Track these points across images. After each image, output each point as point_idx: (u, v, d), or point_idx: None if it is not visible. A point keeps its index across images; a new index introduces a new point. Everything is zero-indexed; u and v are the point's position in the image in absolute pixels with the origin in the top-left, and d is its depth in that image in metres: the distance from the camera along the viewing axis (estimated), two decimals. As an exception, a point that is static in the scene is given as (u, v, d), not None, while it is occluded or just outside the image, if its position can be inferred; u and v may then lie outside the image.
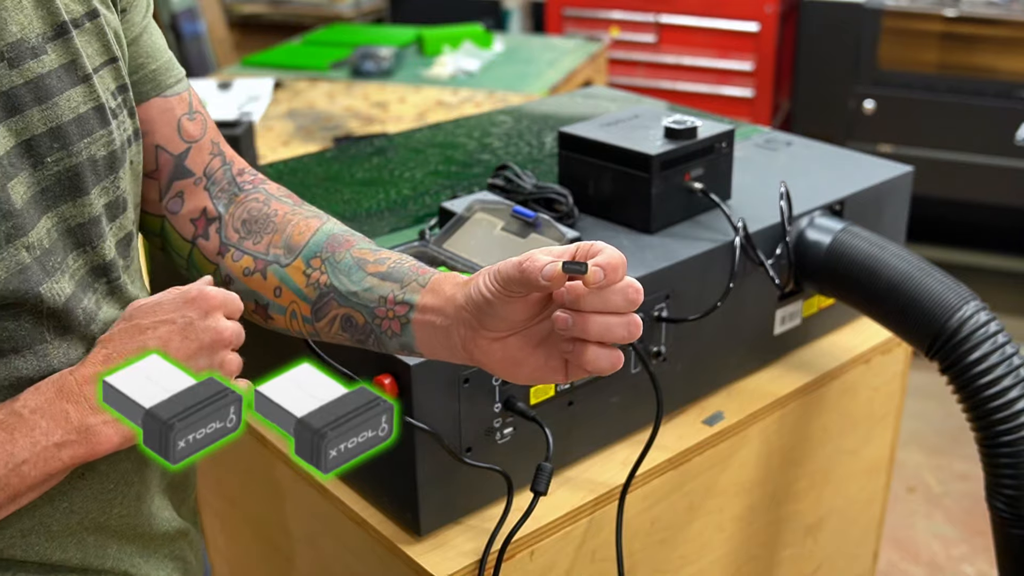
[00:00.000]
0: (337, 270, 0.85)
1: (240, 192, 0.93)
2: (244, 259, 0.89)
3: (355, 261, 0.84)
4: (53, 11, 0.74)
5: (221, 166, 0.92)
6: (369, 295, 0.82)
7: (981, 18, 3.20)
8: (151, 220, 0.91)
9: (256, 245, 0.89)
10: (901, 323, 1.11)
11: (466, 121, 1.58)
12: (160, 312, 0.73)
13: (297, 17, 4.10)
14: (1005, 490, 1.07)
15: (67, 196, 0.76)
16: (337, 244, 0.86)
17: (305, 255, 0.87)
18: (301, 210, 0.91)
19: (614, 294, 0.70)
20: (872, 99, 3.35)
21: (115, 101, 0.80)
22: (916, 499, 2.60)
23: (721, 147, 1.16)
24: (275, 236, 0.89)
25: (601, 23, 3.69)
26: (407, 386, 0.92)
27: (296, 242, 0.88)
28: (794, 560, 1.35)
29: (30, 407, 0.69)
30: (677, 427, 1.14)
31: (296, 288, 0.87)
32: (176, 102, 0.89)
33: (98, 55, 0.79)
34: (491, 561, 0.96)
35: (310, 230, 0.88)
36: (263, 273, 0.88)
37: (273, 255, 0.88)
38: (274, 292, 0.88)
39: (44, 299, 0.73)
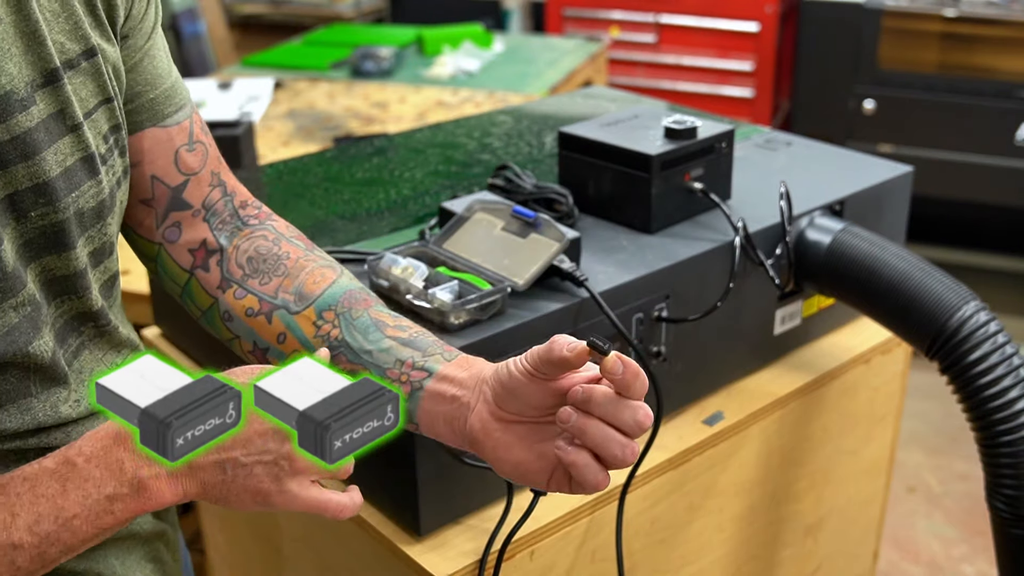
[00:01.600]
0: (352, 327, 0.83)
1: (245, 226, 0.90)
2: (248, 298, 0.87)
3: (373, 322, 0.83)
4: (44, 56, 0.71)
5: (222, 197, 0.89)
6: (385, 356, 0.81)
7: (981, 18, 3.20)
8: (147, 245, 0.89)
9: (263, 286, 0.86)
10: (901, 323, 1.11)
11: (466, 121, 1.58)
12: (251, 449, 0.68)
13: (297, 17, 4.10)
14: (1005, 490, 1.07)
15: (51, 249, 0.74)
16: (355, 301, 0.84)
17: (319, 306, 0.85)
18: (315, 256, 0.89)
19: (625, 408, 0.69)
20: (872, 99, 3.35)
21: (106, 145, 0.77)
22: (916, 499, 2.60)
23: (721, 147, 1.16)
24: (286, 280, 0.86)
25: (601, 23, 3.69)
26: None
27: (309, 291, 0.85)
28: (794, 560, 1.35)
29: (85, 454, 0.66)
30: (677, 427, 1.14)
31: (303, 338, 0.85)
32: (175, 132, 0.85)
33: (92, 97, 0.75)
34: (491, 561, 0.96)
35: (326, 281, 0.86)
36: (268, 316, 0.86)
37: (282, 299, 0.86)
38: (278, 338, 0.86)
39: (32, 356, 0.72)
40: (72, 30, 0.73)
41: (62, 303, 0.77)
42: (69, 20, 0.73)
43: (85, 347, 0.80)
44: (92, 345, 0.81)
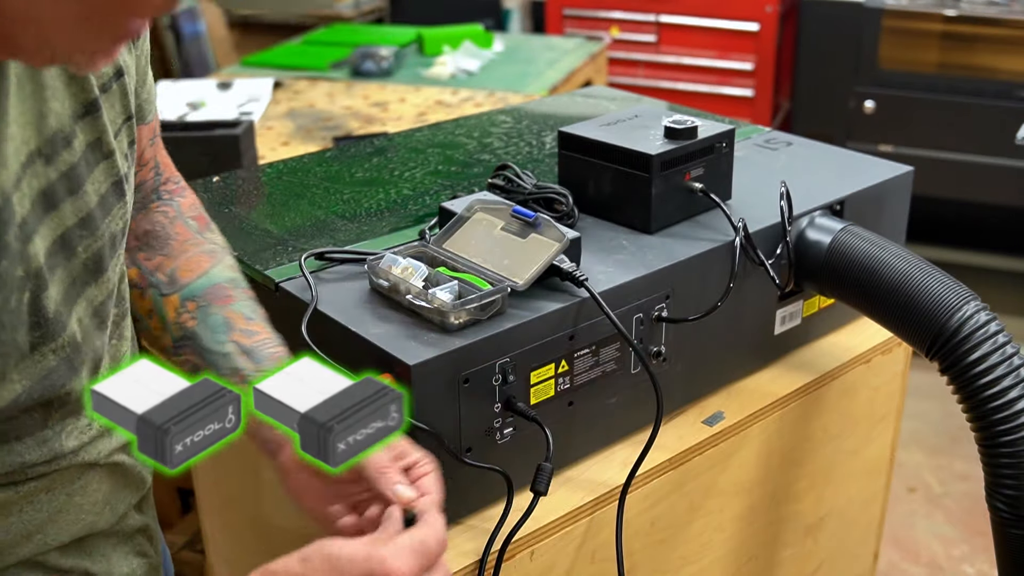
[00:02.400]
0: (205, 323, 0.86)
1: (157, 200, 0.93)
2: (132, 270, 0.90)
3: (223, 321, 0.86)
4: (86, 87, 0.71)
5: (152, 178, 0.92)
6: (224, 361, 0.84)
7: (981, 18, 3.20)
8: None
9: (147, 261, 0.90)
10: (901, 323, 1.11)
11: (466, 121, 1.58)
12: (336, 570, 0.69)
13: (297, 17, 4.10)
14: (1005, 490, 1.07)
15: (91, 280, 0.75)
16: (216, 296, 0.88)
17: (184, 294, 0.88)
18: (200, 240, 0.92)
19: None
20: (872, 99, 3.35)
21: (127, 164, 0.78)
22: (916, 499, 2.60)
23: (721, 147, 1.16)
24: (166, 260, 0.90)
25: (601, 23, 3.69)
26: (407, 386, 0.91)
27: (180, 277, 0.89)
28: (794, 560, 1.35)
29: None
30: (677, 427, 1.14)
31: (165, 320, 0.88)
32: (147, 131, 0.88)
33: (118, 117, 0.76)
34: (491, 561, 0.96)
35: (199, 269, 0.89)
36: (143, 292, 0.90)
37: (157, 279, 0.89)
38: (147, 313, 0.90)
39: (65, 396, 0.73)
40: None
41: (103, 332, 0.77)
42: None
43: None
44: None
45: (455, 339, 0.92)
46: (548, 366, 0.98)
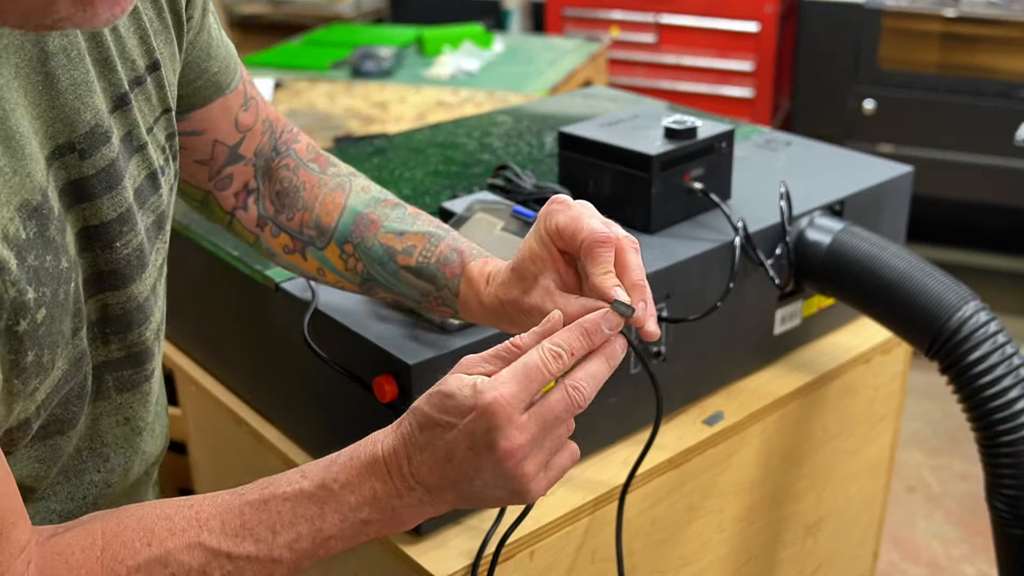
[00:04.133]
0: (371, 259, 0.87)
1: (276, 156, 0.93)
2: (282, 236, 0.92)
3: (384, 251, 0.87)
4: (115, 82, 0.70)
5: (269, 140, 0.93)
6: (410, 290, 0.86)
7: (981, 18, 3.20)
8: (193, 191, 0.92)
9: (290, 221, 0.91)
10: (901, 323, 1.11)
11: (466, 121, 1.58)
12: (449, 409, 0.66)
13: (297, 17, 4.10)
14: (1005, 490, 1.07)
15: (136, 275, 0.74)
16: (364, 227, 0.88)
17: (337, 239, 0.89)
18: (327, 179, 0.92)
19: None
20: (872, 99, 3.35)
21: (163, 156, 0.77)
22: (916, 499, 2.60)
23: (721, 147, 1.16)
24: (306, 214, 0.90)
25: (601, 23, 3.69)
26: (407, 386, 0.92)
27: (326, 223, 0.89)
28: (794, 560, 1.35)
29: (340, 482, 0.68)
30: (677, 427, 1.14)
31: (337, 271, 0.90)
32: (233, 98, 0.88)
33: (153, 111, 0.75)
34: (488, 561, 0.96)
35: (337, 209, 0.89)
36: (302, 254, 0.91)
37: (307, 236, 0.90)
38: (318, 271, 0.92)
39: (89, 381, 0.73)
40: (140, 44, 0.73)
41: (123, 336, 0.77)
42: (137, 33, 0.72)
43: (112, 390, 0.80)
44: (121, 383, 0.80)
45: (455, 339, 0.92)
46: (548, 366, 0.98)
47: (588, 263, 0.71)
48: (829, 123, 3.48)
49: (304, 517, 0.68)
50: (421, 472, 0.67)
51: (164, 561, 0.66)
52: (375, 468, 0.68)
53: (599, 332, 0.68)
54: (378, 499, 0.68)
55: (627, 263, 0.71)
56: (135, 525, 0.67)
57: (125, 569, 0.65)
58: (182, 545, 0.66)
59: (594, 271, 0.70)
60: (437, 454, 0.67)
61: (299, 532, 0.68)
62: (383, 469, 0.68)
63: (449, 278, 0.83)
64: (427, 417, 0.67)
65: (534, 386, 0.65)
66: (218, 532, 0.67)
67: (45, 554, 0.65)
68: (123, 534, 0.66)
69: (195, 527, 0.67)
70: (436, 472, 0.67)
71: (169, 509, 0.68)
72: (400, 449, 0.68)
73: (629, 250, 0.71)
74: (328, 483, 0.68)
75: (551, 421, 0.66)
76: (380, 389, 0.92)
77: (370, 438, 0.70)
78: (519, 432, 0.65)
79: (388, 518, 0.69)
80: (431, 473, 0.67)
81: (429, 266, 0.84)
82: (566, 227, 0.72)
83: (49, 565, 0.65)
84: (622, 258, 0.71)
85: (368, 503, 0.68)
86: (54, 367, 0.67)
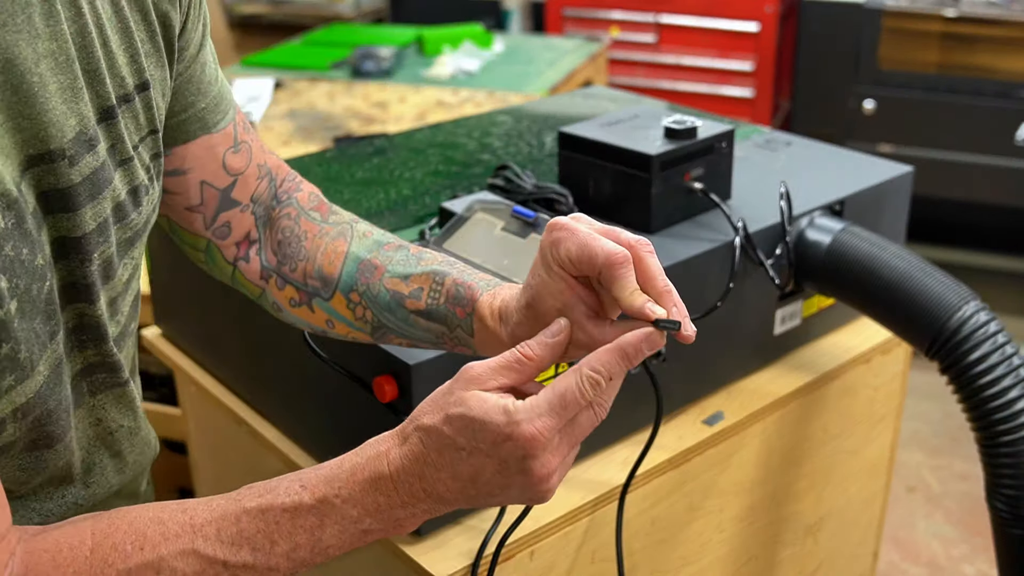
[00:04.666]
0: (379, 306, 0.84)
1: (277, 205, 0.90)
2: (287, 288, 0.89)
3: (392, 296, 0.83)
4: (103, 94, 0.70)
5: (268, 187, 0.90)
6: (424, 334, 0.83)
7: (981, 18, 3.20)
8: (195, 240, 0.89)
9: (293, 272, 0.88)
10: (901, 323, 1.11)
11: (466, 121, 1.58)
12: (480, 438, 0.65)
13: (297, 17, 4.10)
14: (1005, 490, 1.07)
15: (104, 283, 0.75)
16: (368, 273, 0.85)
17: (342, 288, 0.86)
18: (328, 227, 0.89)
19: None
20: (872, 99, 3.35)
21: (147, 175, 0.76)
22: (916, 499, 2.60)
23: (721, 147, 1.16)
24: (308, 265, 0.87)
25: (601, 23, 3.69)
26: (407, 386, 0.92)
27: (329, 272, 0.86)
28: (794, 560, 1.35)
29: (342, 496, 0.67)
30: (677, 427, 1.14)
31: (347, 321, 0.87)
32: (220, 139, 0.85)
33: (139, 131, 0.75)
34: (488, 561, 0.96)
35: (339, 257, 0.86)
36: (309, 306, 0.88)
37: (312, 287, 0.87)
38: (326, 324, 0.88)
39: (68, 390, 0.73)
40: (130, 63, 0.72)
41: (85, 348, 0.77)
42: (128, 52, 0.72)
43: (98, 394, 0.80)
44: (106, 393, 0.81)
45: (455, 339, 0.92)
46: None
47: (612, 287, 0.68)
48: (829, 123, 3.48)
49: (303, 528, 0.67)
50: (436, 488, 0.66)
51: (156, 567, 0.65)
52: (380, 483, 0.67)
53: (640, 354, 0.66)
54: (381, 511, 0.67)
55: (648, 271, 0.69)
56: (126, 528, 0.66)
57: (115, 572, 0.64)
58: (175, 551, 0.65)
59: (622, 294, 0.67)
60: (460, 475, 0.66)
61: (297, 542, 0.67)
62: (389, 485, 0.67)
63: (461, 318, 0.80)
64: (449, 441, 0.65)
65: (570, 414, 0.65)
66: (213, 539, 0.66)
67: (31, 549, 0.65)
68: (114, 536, 0.66)
69: (189, 533, 0.66)
70: (455, 488, 0.66)
71: (162, 513, 0.67)
72: (411, 467, 0.66)
73: (646, 256, 0.69)
74: (329, 497, 0.67)
75: (578, 439, 0.67)
76: (380, 389, 0.92)
77: (373, 450, 0.68)
78: (554, 456, 0.65)
79: (389, 526, 0.68)
80: (447, 489, 0.66)
81: (439, 308, 0.81)
82: (579, 256, 0.69)
83: (35, 560, 0.64)
84: (641, 267, 0.69)
85: (370, 515, 0.67)
86: (34, 370, 0.66)
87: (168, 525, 0.66)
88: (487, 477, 0.65)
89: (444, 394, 0.67)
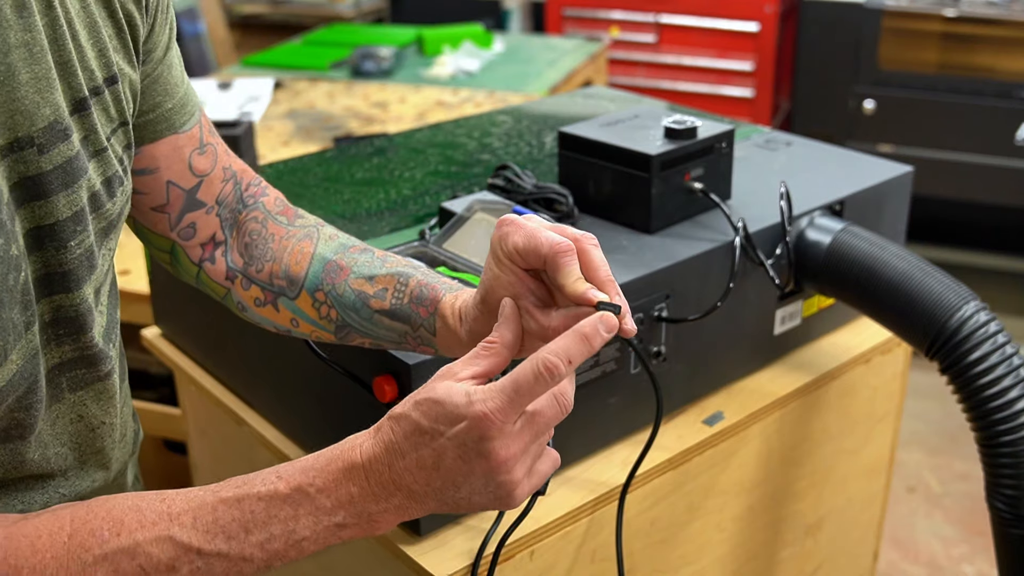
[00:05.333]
0: (343, 305, 0.86)
1: (243, 208, 0.93)
2: (253, 288, 0.91)
3: (357, 296, 0.86)
4: (75, 86, 0.71)
5: (232, 189, 0.92)
6: (387, 333, 0.85)
7: (981, 18, 3.20)
8: (161, 240, 0.91)
9: (259, 273, 0.90)
10: (901, 323, 1.11)
11: (466, 121, 1.58)
12: (439, 416, 0.66)
13: (297, 17, 4.10)
14: (1005, 490, 1.07)
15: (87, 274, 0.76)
16: (334, 274, 0.88)
17: (308, 287, 0.88)
18: (294, 230, 0.92)
19: None
20: (872, 99, 3.35)
21: (121, 167, 0.78)
22: (916, 499, 2.60)
23: (721, 147, 1.16)
24: (275, 266, 0.90)
25: (601, 23, 3.69)
26: (407, 386, 0.92)
27: (296, 273, 0.89)
28: (794, 560, 1.35)
29: (316, 485, 0.68)
30: (677, 427, 1.14)
31: (311, 320, 0.89)
32: (186, 139, 0.87)
33: (111, 121, 0.76)
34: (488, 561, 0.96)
35: (306, 258, 0.89)
36: (274, 305, 0.90)
37: (278, 286, 0.90)
38: (291, 323, 0.91)
39: (43, 383, 0.73)
40: (98, 56, 0.74)
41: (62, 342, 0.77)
42: (96, 47, 0.73)
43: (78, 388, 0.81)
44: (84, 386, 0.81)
45: (455, 339, 0.92)
46: (548, 366, 0.98)
47: (556, 275, 0.71)
48: (829, 123, 3.48)
49: (277, 518, 0.68)
50: (404, 479, 0.67)
51: (132, 552, 0.66)
52: (352, 473, 0.68)
53: (598, 336, 0.67)
54: (354, 503, 0.68)
55: (592, 262, 0.72)
56: (104, 514, 0.67)
57: (92, 557, 0.66)
58: (151, 538, 0.67)
59: (566, 281, 0.70)
60: (424, 461, 0.67)
61: (272, 532, 0.68)
62: (361, 474, 0.68)
63: (424, 317, 0.83)
64: (414, 424, 0.67)
65: (526, 400, 0.65)
66: (189, 527, 0.67)
67: (11, 535, 0.66)
68: (92, 522, 0.67)
69: (166, 520, 0.67)
70: (421, 479, 0.67)
71: (141, 501, 0.68)
72: (381, 455, 0.68)
73: (590, 248, 0.72)
74: (304, 486, 0.68)
75: (542, 429, 0.67)
76: (380, 389, 0.92)
77: (348, 442, 0.70)
78: (513, 442, 0.66)
79: (363, 522, 0.69)
80: (415, 480, 0.67)
81: (403, 307, 0.84)
82: (525, 247, 0.71)
83: (14, 546, 0.65)
84: (586, 258, 0.72)
85: (343, 507, 0.68)
86: (6, 359, 0.67)
87: (145, 513, 0.67)
88: (448, 463, 0.66)
89: (419, 389, 0.68)
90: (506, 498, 0.68)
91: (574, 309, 0.71)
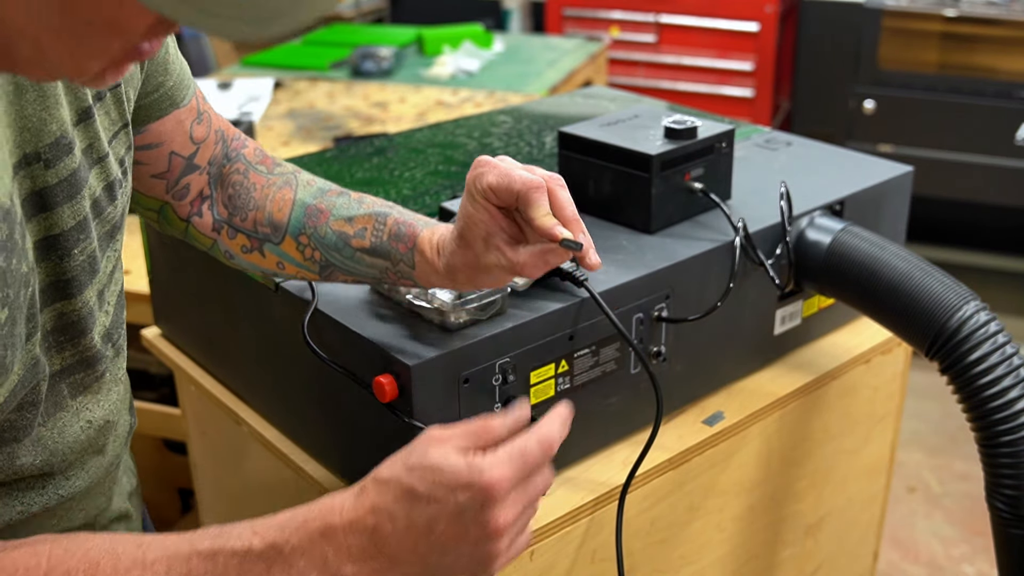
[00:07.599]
0: (326, 246, 0.91)
1: (227, 163, 0.96)
2: (239, 237, 0.95)
3: (338, 237, 0.90)
4: (80, 96, 0.73)
5: (221, 149, 0.96)
6: (369, 270, 0.90)
7: (981, 18, 3.20)
8: (151, 202, 0.94)
9: (244, 222, 0.94)
10: (901, 323, 1.11)
11: (466, 121, 1.58)
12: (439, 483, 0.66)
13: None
14: (1005, 490, 1.07)
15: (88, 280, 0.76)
16: (315, 217, 0.92)
17: (291, 232, 0.92)
18: (274, 178, 0.95)
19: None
20: (872, 99, 3.35)
21: (121, 169, 0.79)
22: (916, 499, 2.60)
23: (721, 147, 1.16)
24: (259, 214, 0.94)
25: (601, 23, 3.69)
26: (407, 386, 0.91)
27: (278, 219, 0.93)
28: (794, 560, 1.35)
29: (291, 544, 0.67)
30: (677, 427, 1.14)
31: (296, 262, 0.93)
32: (187, 112, 0.91)
33: (113, 124, 0.78)
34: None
35: (287, 204, 0.93)
36: (260, 251, 0.94)
37: (263, 233, 0.94)
38: (277, 266, 0.95)
39: (43, 389, 0.74)
40: None
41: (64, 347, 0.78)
42: None
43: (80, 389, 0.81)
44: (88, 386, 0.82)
45: (455, 339, 0.92)
46: (548, 366, 0.98)
47: (527, 209, 0.77)
48: (829, 123, 3.48)
49: (251, 573, 0.67)
50: (388, 543, 0.66)
51: None
52: (329, 535, 0.67)
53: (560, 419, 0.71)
54: (328, 565, 0.67)
55: (560, 201, 0.78)
56: (81, 556, 0.67)
57: None
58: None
59: (535, 215, 0.77)
60: (416, 526, 0.66)
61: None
62: (339, 537, 0.67)
63: (403, 252, 0.87)
64: (407, 489, 0.66)
65: (528, 471, 0.67)
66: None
67: None
68: (68, 562, 0.66)
69: (140, 567, 0.66)
70: (408, 543, 0.66)
71: (118, 546, 0.68)
72: (363, 519, 0.67)
73: (558, 189, 0.78)
74: (279, 544, 0.67)
75: (532, 499, 0.69)
76: (380, 389, 0.92)
77: (328, 502, 0.69)
78: (510, 510, 0.66)
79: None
80: (401, 545, 0.66)
81: (382, 244, 0.88)
82: (498, 184, 0.78)
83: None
84: (554, 198, 0.78)
85: (316, 569, 0.67)
86: (12, 370, 0.68)
87: (121, 558, 0.67)
88: (442, 527, 0.66)
89: (405, 452, 0.68)
90: (486, 567, 0.68)
91: (540, 245, 0.79)
